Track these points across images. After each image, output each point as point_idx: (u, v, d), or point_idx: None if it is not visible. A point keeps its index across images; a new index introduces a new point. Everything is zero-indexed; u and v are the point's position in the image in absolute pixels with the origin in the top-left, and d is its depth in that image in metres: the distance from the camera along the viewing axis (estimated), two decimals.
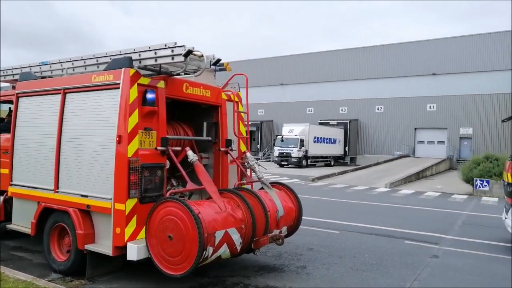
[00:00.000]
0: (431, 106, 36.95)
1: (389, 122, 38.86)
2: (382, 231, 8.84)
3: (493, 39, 34.23)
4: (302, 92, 44.25)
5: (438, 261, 6.51)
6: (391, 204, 13.88)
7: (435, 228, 9.38)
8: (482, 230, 9.40)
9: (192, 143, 5.86)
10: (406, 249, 7.25)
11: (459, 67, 35.60)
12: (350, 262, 6.22)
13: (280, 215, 5.43)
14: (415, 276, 5.63)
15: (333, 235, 8.24)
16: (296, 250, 6.81)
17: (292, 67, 45.10)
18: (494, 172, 17.62)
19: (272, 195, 5.57)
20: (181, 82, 5.44)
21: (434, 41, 37.49)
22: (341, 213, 11.30)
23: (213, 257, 4.43)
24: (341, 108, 41.66)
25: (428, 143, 37.35)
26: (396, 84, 38.62)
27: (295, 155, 31.39)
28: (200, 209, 4.38)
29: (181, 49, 4.65)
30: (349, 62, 41.57)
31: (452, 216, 11.40)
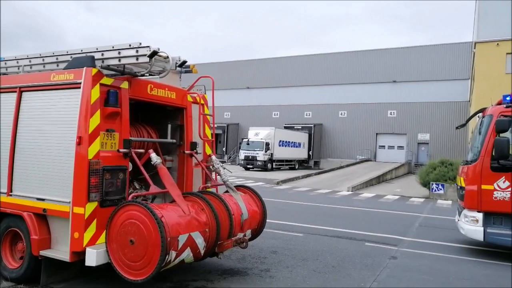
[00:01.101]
0: (391, 112, 38.35)
1: (351, 127, 39.93)
2: (344, 233, 9.05)
3: (451, 49, 36.02)
4: (268, 96, 44.60)
5: (396, 262, 6.74)
6: (352, 207, 14.24)
7: (394, 230, 9.71)
8: (437, 231, 9.83)
9: (156, 145, 5.77)
10: (366, 251, 7.45)
11: (418, 75, 37.18)
12: (313, 265, 6.32)
13: (245, 218, 5.44)
14: (374, 277, 5.80)
15: (296, 238, 8.35)
16: (260, 253, 6.84)
17: (259, 71, 45.38)
18: (448, 176, 18.45)
19: (237, 198, 5.57)
20: (145, 83, 5.34)
21: (395, 50, 38.99)
22: (305, 216, 11.46)
23: (176, 261, 4.36)
24: (306, 113, 42.35)
25: (388, 148, 38.71)
26: (358, 90, 39.78)
27: (260, 159, 31.56)
28: (163, 212, 4.31)
29: (146, 50, 4.57)
30: (315, 67, 42.37)
31: (410, 219, 11.84)
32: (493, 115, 7.10)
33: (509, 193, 6.83)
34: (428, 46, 37.58)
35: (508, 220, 6.91)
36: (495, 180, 6.95)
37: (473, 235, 7.28)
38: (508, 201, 6.83)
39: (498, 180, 6.92)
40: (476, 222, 7.15)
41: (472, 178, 7.24)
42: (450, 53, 35.91)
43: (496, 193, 6.93)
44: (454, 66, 35.61)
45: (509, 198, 6.82)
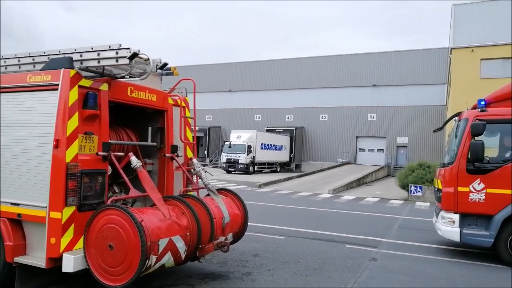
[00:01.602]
0: (371, 116, 38.97)
1: (332, 130, 40.38)
2: (325, 236, 9.12)
3: (429, 55, 36.91)
4: (250, 99, 44.69)
5: (376, 264, 6.83)
6: (333, 209, 14.37)
7: (374, 232, 9.85)
8: (416, 233, 10.02)
9: (136, 148, 5.69)
10: (347, 253, 7.53)
11: (397, 79, 37.92)
12: (294, 267, 6.34)
13: (226, 222, 5.42)
14: (355, 279, 5.86)
15: (278, 240, 8.36)
16: (242, 256, 6.82)
17: (241, 74, 45.44)
18: (426, 179, 18.84)
19: (218, 201, 5.55)
20: (125, 85, 5.27)
21: (375, 54, 39.68)
22: (286, 219, 11.50)
23: (156, 266, 4.31)
24: (287, 116, 42.60)
25: (368, 151, 39.29)
26: (339, 94, 40.29)
27: (242, 162, 31.53)
28: (143, 216, 4.25)
29: (126, 52, 4.51)
30: (296, 71, 42.70)
31: (390, 220, 12.03)
32: (469, 119, 7.29)
33: (484, 195, 7.02)
34: (406, 51, 38.42)
35: (483, 221, 7.10)
36: (470, 182, 7.13)
37: (450, 236, 7.45)
38: (483, 202, 7.02)
39: (473, 182, 7.11)
40: (452, 223, 7.31)
41: (449, 181, 7.41)
42: (428, 58, 36.80)
43: (471, 195, 7.11)
44: (431, 71, 36.49)
45: (484, 199, 7.01)
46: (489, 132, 7.24)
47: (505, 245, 6.86)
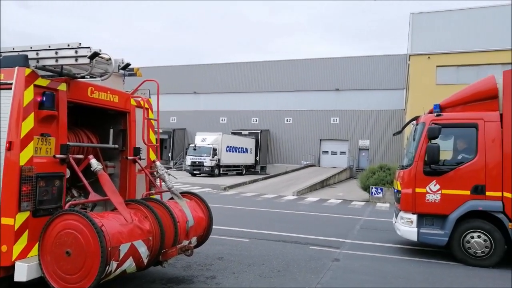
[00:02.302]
0: (334, 119, 39.89)
1: (297, 133, 40.97)
2: (289, 237, 9.21)
3: (389, 60, 38.29)
4: (215, 102, 44.51)
5: (339, 264, 6.97)
6: (297, 211, 14.55)
7: (337, 233, 10.06)
8: (376, 233, 10.32)
9: (96, 151, 5.51)
10: (310, 254, 7.63)
11: (359, 84, 39.06)
12: (259, 270, 6.35)
13: (190, 225, 5.35)
14: (318, 280, 5.95)
15: (243, 243, 8.35)
16: (206, 260, 6.76)
17: (206, 76, 45.16)
18: (387, 181, 19.46)
19: (182, 205, 5.47)
20: (85, 85, 5.09)
21: (339, 59, 40.70)
22: (251, 221, 11.52)
23: (117, 272, 4.18)
24: (253, 119, 42.79)
25: (331, 154, 40.17)
26: (304, 98, 40.96)
27: (207, 164, 31.31)
28: (104, 221, 4.12)
29: (86, 51, 4.36)
30: (262, 74, 43.00)
31: (352, 221, 12.33)
32: (426, 123, 7.61)
33: (439, 196, 7.34)
34: (368, 57, 39.69)
35: (438, 220, 7.43)
36: (427, 184, 7.44)
37: (408, 236, 7.73)
38: (439, 203, 7.34)
39: (430, 183, 7.42)
40: (410, 223, 7.59)
41: (407, 182, 7.70)
42: (388, 64, 38.18)
43: (428, 195, 7.42)
44: (391, 76, 37.88)
45: (439, 200, 7.33)
46: (444, 135, 7.59)
47: (458, 243, 7.20)
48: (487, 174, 7.11)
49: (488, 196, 7.07)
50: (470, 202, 7.16)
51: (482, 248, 7.04)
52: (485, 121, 7.25)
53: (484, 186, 7.10)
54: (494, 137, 7.14)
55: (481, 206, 7.09)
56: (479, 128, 7.26)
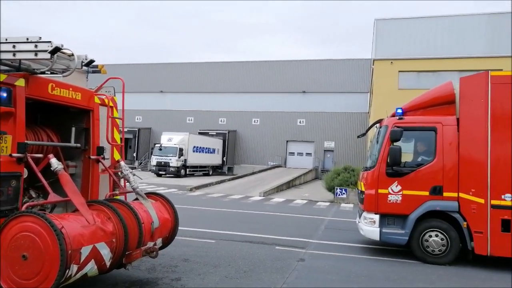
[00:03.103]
0: (301, 121, 40.46)
1: (264, 134, 41.21)
2: (256, 238, 9.24)
3: (354, 64, 39.28)
4: (182, 101, 43.99)
5: (304, 264, 7.07)
6: (264, 212, 14.62)
7: (302, 233, 10.19)
8: (341, 233, 10.55)
9: (57, 150, 5.30)
10: (276, 254, 7.69)
11: (325, 87, 39.82)
12: (225, 271, 6.33)
13: (155, 227, 5.26)
14: (284, 280, 6.00)
15: (209, 244, 8.30)
16: (171, 261, 6.66)
17: (173, 75, 44.57)
18: (351, 182, 19.94)
19: (147, 206, 5.36)
20: (46, 81, 4.88)
21: (305, 62, 41.32)
22: (217, 222, 11.46)
23: (77, 275, 4.03)
24: (220, 119, 42.64)
25: (298, 155, 40.72)
26: (271, 99, 41.28)
27: (173, 165, 30.86)
28: (64, 223, 3.96)
29: (47, 45, 4.19)
30: (230, 74, 42.93)
31: (317, 222, 12.53)
32: (388, 125, 7.86)
33: (400, 196, 7.61)
34: (334, 60, 40.55)
35: (399, 220, 7.69)
36: (389, 185, 7.69)
37: (370, 235, 7.95)
38: (400, 203, 7.60)
39: (392, 184, 7.67)
40: (373, 223, 7.82)
41: (370, 183, 7.92)
42: (354, 68, 39.18)
43: (390, 196, 7.67)
44: (356, 80, 38.89)
45: (401, 200, 7.60)
46: (406, 138, 7.87)
47: (417, 242, 7.49)
48: (444, 175, 7.44)
49: (445, 197, 7.39)
50: (428, 202, 7.46)
51: (439, 247, 7.36)
52: (443, 125, 7.58)
53: (442, 187, 7.42)
54: (451, 141, 7.48)
55: (439, 206, 7.40)
56: (438, 131, 7.58)
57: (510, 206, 6.95)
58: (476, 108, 7.33)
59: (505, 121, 7.13)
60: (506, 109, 7.16)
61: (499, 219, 6.98)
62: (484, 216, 7.05)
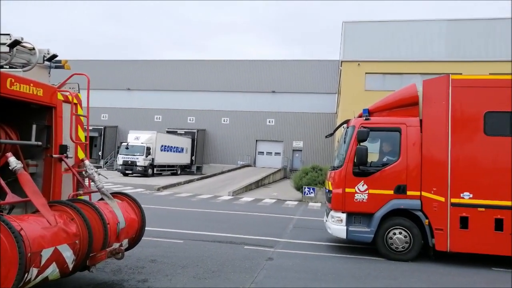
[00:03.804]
0: (270, 120, 40.70)
1: (233, 133, 41.16)
2: (224, 238, 9.21)
3: (323, 65, 39.92)
4: (150, 99, 43.21)
5: (273, 263, 7.11)
6: (233, 211, 14.60)
7: (271, 232, 10.25)
8: (308, 232, 10.69)
9: (16, 148, 5.05)
10: (245, 254, 7.70)
11: (295, 87, 40.25)
12: (193, 271, 6.27)
13: (122, 227, 5.13)
14: (252, 279, 6.01)
15: (177, 244, 8.19)
16: (138, 263, 6.52)
17: (141, 73, 43.68)
18: (318, 181, 20.25)
19: (113, 206, 5.22)
20: (4, 76, 4.64)
21: (275, 62, 41.61)
22: (186, 222, 11.34)
23: (37, 279, 3.86)
24: (189, 118, 42.20)
25: (267, 154, 40.93)
26: (241, 98, 41.28)
27: (140, 164, 30.26)
28: (23, 224, 3.78)
29: (6, 38, 4.00)
30: (199, 73, 42.55)
31: (285, 221, 12.64)
32: (355, 126, 8.03)
33: (366, 195, 7.80)
34: (304, 61, 41.08)
35: (365, 219, 7.88)
36: (356, 184, 7.86)
37: (338, 234, 8.10)
38: (366, 202, 7.79)
39: (358, 183, 7.85)
40: (340, 222, 7.97)
41: (338, 182, 8.07)
42: (322, 68, 39.83)
43: (356, 195, 7.84)
44: (325, 80, 39.56)
45: (367, 199, 7.79)
46: (372, 138, 8.07)
47: (382, 239, 7.71)
48: (408, 175, 7.69)
49: (409, 196, 7.65)
50: (393, 201, 7.69)
51: (402, 244, 7.60)
52: (407, 126, 7.83)
53: (406, 186, 7.67)
54: (414, 141, 7.74)
55: (403, 205, 7.65)
56: (402, 132, 7.82)
57: (468, 204, 7.28)
58: (438, 110, 7.63)
59: (464, 123, 7.47)
60: (465, 111, 7.49)
61: (458, 216, 7.30)
62: (444, 214, 7.35)
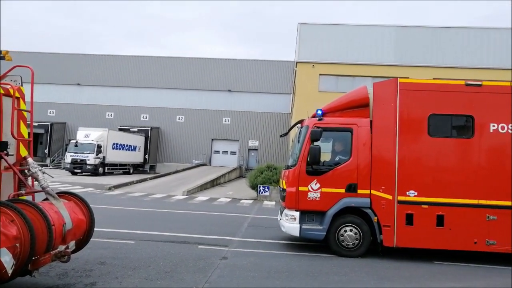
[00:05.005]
0: (226, 119, 40.61)
1: (189, 132, 40.63)
2: (178, 238, 9.05)
3: (279, 66, 40.44)
4: (102, 95, 41.64)
5: (227, 262, 7.08)
6: (187, 211, 14.40)
7: (226, 231, 10.22)
8: (263, 230, 10.77)
9: None
10: (199, 253, 7.61)
11: (251, 86, 40.46)
12: (145, 272, 6.10)
13: (68, 229, 4.88)
14: (206, 279, 5.96)
15: (128, 245, 7.94)
16: (86, 265, 6.24)
17: (92, 67, 41.96)
18: (273, 180, 20.48)
19: (59, 206, 4.96)
20: None
21: (232, 61, 41.55)
22: (138, 223, 11.02)
23: None
24: (142, 115, 41.13)
25: (222, 153, 40.81)
26: (196, 96, 40.84)
27: (90, 162, 29.06)
28: None
29: None
30: (153, 69, 41.58)
31: (240, 220, 12.66)
32: (309, 126, 8.20)
33: (319, 194, 7.98)
34: (260, 61, 41.36)
35: (318, 217, 8.07)
36: (309, 183, 8.02)
37: (291, 232, 8.23)
38: (318, 200, 7.97)
39: (311, 182, 8.02)
40: (294, 220, 8.10)
41: (291, 181, 8.19)
42: (278, 69, 40.35)
43: (310, 193, 8.01)
44: (280, 81, 40.11)
45: (319, 197, 7.97)
46: (325, 138, 8.28)
47: (334, 237, 7.93)
48: (359, 174, 7.96)
49: (359, 194, 7.92)
50: (344, 199, 7.93)
51: (353, 240, 7.87)
52: (358, 127, 8.11)
53: (356, 185, 7.94)
54: (365, 141, 8.03)
55: (354, 203, 7.91)
56: (353, 132, 8.09)
57: (413, 201, 7.67)
58: (387, 112, 7.96)
59: (410, 124, 7.86)
60: (411, 113, 7.88)
61: (404, 213, 7.67)
62: (391, 211, 7.70)
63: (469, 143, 7.78)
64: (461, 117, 7.93)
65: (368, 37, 26.43)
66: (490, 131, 7.72)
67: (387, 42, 26.29)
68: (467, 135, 7.83)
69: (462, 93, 7.88)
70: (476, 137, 7.74)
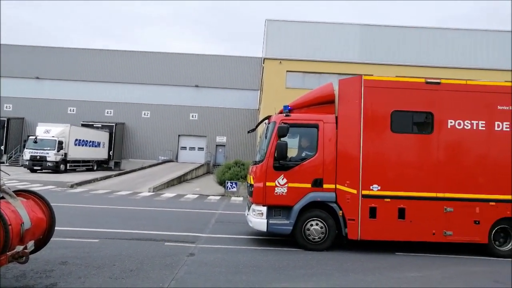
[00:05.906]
0: (193, 115, 40.21)
1: (155, 128, 39.94)
2: (144, 235, 8.90)
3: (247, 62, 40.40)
4: (63, 90, 40.14)
5: (194, 259, 7.04)
6: (153, 208, 14.16)
7: (193, 228, 10.14)
8: (230, 226, 10.77)
9: None
10: (166, 250, 7.52)
11: (218, 82, 40.21)
12: (109, 272, 5.96)
13: (26, 228, 4.69)
14: (173, 276, 5.89)
15: (91, 244, 7.72)
16: (46, 266, 6.01)
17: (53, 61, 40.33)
18: (241, 175, 20.50)
19: (16, 205, 4.75)
20: None
21: (199, 56, 41.11)
22: (102, 220, 10.73)
23: None
24: (106, 111, 40.00)
25: (190, 149, 40.41)
26: (163, 92, 40.15)
27: (51, 159, 27.98)
28: None
29: None
30: (118, 64, 40.50)
31: (207, 216, 12.60)
32: (276, 122, 8.26)
33: (286, 189, 8.07)
34: (228, 57, 41.18)
35: (285, 211, 8.16)
36: (276, 178, 8.10)
37: (258, 227, 8.28)
38: (285, 195, 8.06)
39: (278, 177, 8.09)
40: (261, 215, 8.15)
41: (259, 176, 8.24)
42: (246, 65, 40.32)
43: (277, 189, 8.08)
44: (248, 77, 40.11)
45: (286, 192, 8.06)
46: (292, 134, 8.37)
47: (300, 231, 8.06)
48: (324, 169, 8.11)
49: (325, 188, 8.08)
50: (311, 194, 8.06)
51: (319, 234, 8.02)
52: (324, 123, 8.25)
53: (322, 180, 8.09)
54: (330, 137, 8.19)
55: (319, 197, 8.06)
56: (319, 128, 8.23)
57: (376, 195, 7.91)
58: (352, 108, 8.15)
59: (374, 120, 8.08)
60: (375, 109, 8.11)
61: (367, 207, 7.90)
62: (356, 205, 7.91)
63: (429, 139, 8.10)
64: (422, 114, 8.24)
65: (335, 35, 26.90)
66: (448, 127, 8.08)
67: (352, 40, 26.86)
68: (427, 131, 8.15)
69: (423, 91, 8.19)
70: (435, 133, 8.08)
